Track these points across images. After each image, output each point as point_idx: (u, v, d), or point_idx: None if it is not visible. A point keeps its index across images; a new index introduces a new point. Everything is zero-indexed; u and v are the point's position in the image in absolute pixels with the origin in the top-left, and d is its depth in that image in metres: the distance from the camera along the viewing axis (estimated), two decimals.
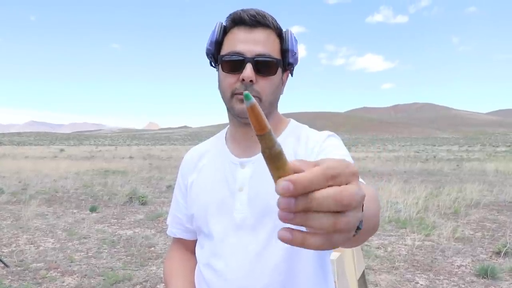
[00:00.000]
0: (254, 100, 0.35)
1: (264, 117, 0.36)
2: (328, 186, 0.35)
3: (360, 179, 0.76)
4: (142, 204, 8.18)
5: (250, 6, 0.95)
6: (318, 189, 0.35)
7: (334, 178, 0.35)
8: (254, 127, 0.36)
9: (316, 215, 0.35)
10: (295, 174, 0.35)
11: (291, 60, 0.95)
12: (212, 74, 1.02)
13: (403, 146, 72.00)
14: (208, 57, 0.98)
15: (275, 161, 0.36)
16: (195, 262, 1.08)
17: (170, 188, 10.61)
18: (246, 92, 0.36)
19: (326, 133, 0.99)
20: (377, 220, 0.62)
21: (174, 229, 1.12)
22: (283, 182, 0.34)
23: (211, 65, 0.99)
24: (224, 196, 0.97)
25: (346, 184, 0.36)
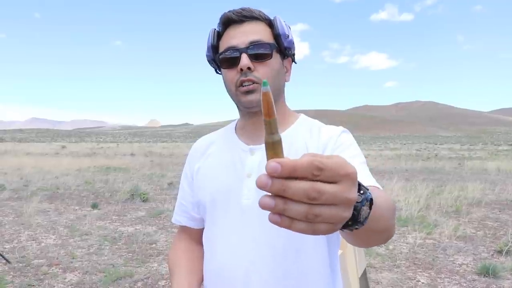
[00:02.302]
0: (269, 88, 0.40)
1: (273, 105, 0.40)
2: (313, 176, 0.38)
3: (376, 184, 0.79)
4: (143, 201, 8.20)
5: (253, 3, 0.97)
6: (302, 177, 0.37)
7: (319, 170, 0.37)
8: (263, 111, 0.40)
9: (293, 204, 0.38)
10: (286, 158, 0.38)
11: (286, 44, 0.96)
12: (214, 72, 1.03)
13: (404, 144, 71.91)
14: (210, 64, 1.01)
15: (275, 147, 0.40)
16: (199, 252, 1.08)
17: (172, 185, 10.62)
18: (265, 80, 0.40)
19: (340, 128, 0.99)
20: (387, 223, 0.65)
21: (179, 217, 1.12)
22: (274, 162, 0.37)
23: (216, 72, 1.01)
24: (232, 182, 0.97)
25: (334, 182, 0.39)
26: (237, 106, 1.01)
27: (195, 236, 1.12)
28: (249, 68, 0.90)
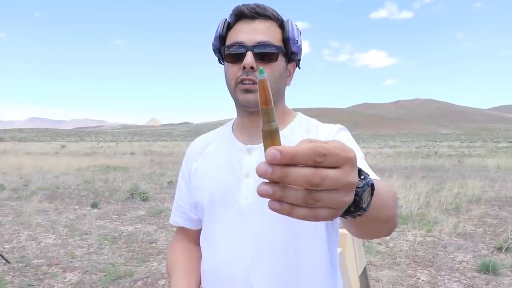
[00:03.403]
0: (265, 75, 0.40)
1: (270, 93, 0.40)
2: (316, 163, 0.37)
3: (376, 177, 0.79)
4: (143, 200, 8.19)
5: (255, 1, 0.97)
6: (303, 164, 0.37)
7: (322, 156, 0.37)
8: (260, 99, 0.40)
9: (291, 190, 0.38)
10: (285, 145, 0.38)
11: (293, 49, 0.95)
12: (214, 70, 0.97)
13: (404, 142, 71.94)
14: (215, 53, 1.00)
15: (272, 136, 0.40)
16: (197, 252, 1.08)
17: (172, 184, 10.62)
18: (262, 67, 0.39)
19: (337, 126, 0.99)
20: (389, 212, 0.65)
21: (177, 218, 1.12)
22: (272, 150, 0.37)
23: (220, 62, 1.01)
24: (230, 182, 0.97)
25: (336, 167, 0.38)
26: (235, 102, 1.00)
27: (193, 236, 1.11)
28: (252, 68, 0.90)
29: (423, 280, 3.98)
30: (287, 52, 0.95)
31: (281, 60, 0.94)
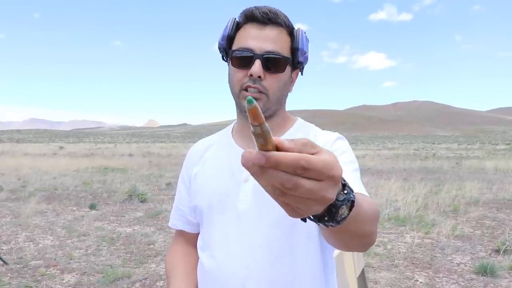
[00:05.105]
0: (255, 103, 0.39)
1: (262, 115, 0.40)
2: (296, 174, 0.39)
3: (364, 192, 0.81)
4: (141, 201, 8.18)
5: (257, 3, 0.96)
6: (284, 171, 0.39)
7: (303, 169, 0.39)
8: (251, 123, 0.40)
9: (275, 173, 0.39)
10: (274, 151, 0.39)
11: (300, 59, 0.95)
12: (212, 72, 0.98)
13: (402, 144, 72.04)
14: (220, 51, 0.99)
15: (264, 138, 0.40)
16: (196, 255, 1.08)
17: (170, 185, 10.61)
18: (250, 97, 0.39)
19: (336, 134, 1.00)
20: (368, 229, 0.67)
21: (176, 221, 1.12)
22: (260, 154, 0.39)
23: (223, 59, 1.00)
24: (229, 186, 0.97)
25: (317, 180, 0.40)
26: (236, 106, 1.00)
27: (192, 240, 1.12)
28: (259, 77, 0.90)
29: (421, 282, 3.98)
30: (294, 61, 0.95)
31: (287, 70, 0.94)
